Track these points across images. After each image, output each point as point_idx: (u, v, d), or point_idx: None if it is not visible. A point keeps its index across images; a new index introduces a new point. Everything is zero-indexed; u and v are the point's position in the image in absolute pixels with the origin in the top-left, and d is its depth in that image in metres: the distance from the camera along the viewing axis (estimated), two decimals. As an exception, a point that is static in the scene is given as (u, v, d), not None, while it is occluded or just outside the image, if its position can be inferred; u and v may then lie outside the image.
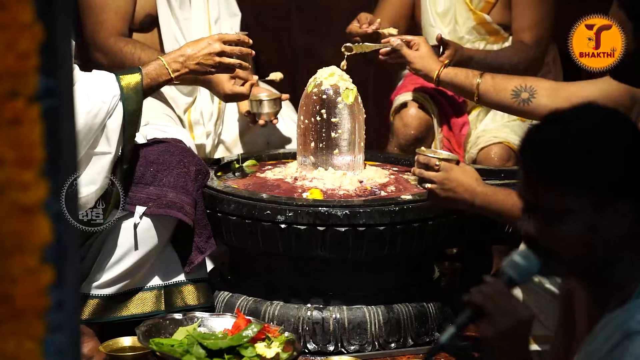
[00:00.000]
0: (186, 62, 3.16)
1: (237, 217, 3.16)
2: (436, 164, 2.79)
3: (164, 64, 3.14)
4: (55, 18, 1.14)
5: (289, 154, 3.64)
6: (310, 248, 3.11)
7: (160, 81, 3.15)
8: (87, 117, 2.99)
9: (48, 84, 1.14)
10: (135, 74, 3.11)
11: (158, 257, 3.21)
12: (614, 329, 1.80)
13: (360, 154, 3.40)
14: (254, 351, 2.92)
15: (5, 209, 1.13)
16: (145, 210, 3.11)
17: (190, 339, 2.94)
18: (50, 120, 1.14)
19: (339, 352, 3.15)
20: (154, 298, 3.20)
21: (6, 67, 1.12)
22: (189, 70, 3.17)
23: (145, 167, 3.18)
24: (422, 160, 2.82)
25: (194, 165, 3.23)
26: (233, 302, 3.25)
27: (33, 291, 1.15)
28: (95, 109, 3.01)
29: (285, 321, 3.16)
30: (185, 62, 3.16)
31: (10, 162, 1.13)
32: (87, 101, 3.01)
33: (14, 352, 1.15)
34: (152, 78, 3.12)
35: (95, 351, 3.08)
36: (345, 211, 3.08)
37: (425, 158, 2.82)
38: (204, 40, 3.21)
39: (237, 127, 3.88)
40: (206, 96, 3.78)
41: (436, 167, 2.80)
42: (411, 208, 3.13)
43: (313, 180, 3.31)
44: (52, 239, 1.15)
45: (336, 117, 3.35)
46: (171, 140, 3.30)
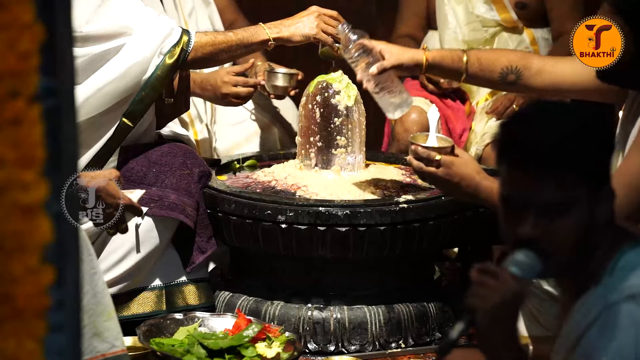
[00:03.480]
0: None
1: (237, 217, 3.16)
2: (436, 158, 2.75)
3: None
4: (56, 18, 1.14)
5: (289, 154, 3.64)
6: (311, 248, 3.11)
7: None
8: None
9: (48, 83, 1.14)
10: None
11: (159, 257, 3.21)
12: (590, 306, 1.81)
13: (360, 154, 3.40)
14: (255, 351, 2.92)
15: (5, 209, 1.14)
16: (147, 210, 3.11)
17: (191, 339, 2.94)
18: (51, 120, 1.14)
19: (339, 352, 3.15)
20: (155, 298, 3.20)
21: (7, 67, 1.12)
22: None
23: (147, 167, 3.18)
24: (422, 153, 2.78)
25: (197, 167, 3.23)
26: (234, 302, 3.25)
27: (33, 291, 1.15)
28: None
29: (286, 321, 3.16)
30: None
31: (10, 162, 1.13)
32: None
33: (15, 352, 1.15)
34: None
35: None
36: (345, 211, 3.08)
37: (424, 151, 2.77)
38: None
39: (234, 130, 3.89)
40: None
41: (436, 162, 2.75)
42: (411, 208, 3.13)
43: (304, 186, 3.29)
44: (52, 239, 1.15)
45: (337, 118, 3.34)
46: (175, 141, 3.31)
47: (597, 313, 1.79)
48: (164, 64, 3.13)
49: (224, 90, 3.55)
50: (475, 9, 3.96)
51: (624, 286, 1.78)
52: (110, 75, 3.08)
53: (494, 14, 3.96)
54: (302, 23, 3.28)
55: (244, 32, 3.25)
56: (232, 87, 3.54)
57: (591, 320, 1.79)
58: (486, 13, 3.96)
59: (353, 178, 3.33)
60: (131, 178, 3.16)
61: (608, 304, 1.78)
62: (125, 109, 3.13)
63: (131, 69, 3.10)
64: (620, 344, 1.75)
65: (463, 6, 3.97)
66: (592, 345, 1.78)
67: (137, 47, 3.11)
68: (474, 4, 3.97)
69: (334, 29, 3.28)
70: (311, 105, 3.36)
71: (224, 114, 3.83)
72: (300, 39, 3.27)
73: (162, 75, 3.14)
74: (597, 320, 1.78)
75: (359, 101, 3.40)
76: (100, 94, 3.08)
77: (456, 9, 3.96)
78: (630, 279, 1.79)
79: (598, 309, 1.79)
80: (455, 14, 3.97)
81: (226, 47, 3.21)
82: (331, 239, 3.09)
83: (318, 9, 3.31)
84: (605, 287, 1.80)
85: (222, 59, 3.29)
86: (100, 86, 3.08)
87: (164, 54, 3.13)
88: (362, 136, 3.40)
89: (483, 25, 3.96)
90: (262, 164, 3.60)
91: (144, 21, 3.13)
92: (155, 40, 3.12)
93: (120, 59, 3.10)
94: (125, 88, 3.11)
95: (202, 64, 3.32)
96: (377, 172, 3.43)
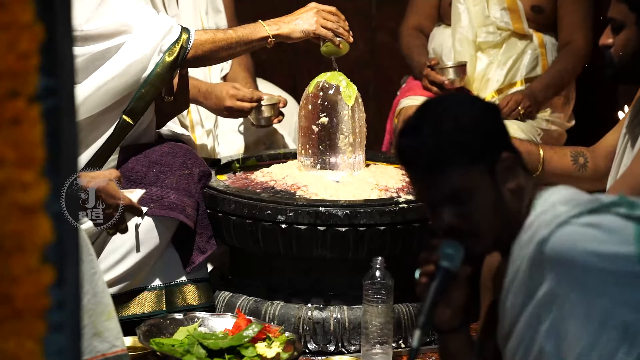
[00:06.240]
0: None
1: (237, 217, 3.16)
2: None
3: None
4: (56, 18, 1.14)
5: (290, 154, 3.64)
6: (310, 248, 3.11)
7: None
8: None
9: (48, 83, 1.14)
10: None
11: (159, 257, 3.21)
12: (524, 247, 1.93)
13: (360, 154, 3.40)
14: (255, 351, 2.92)
15: (5, 209, 1.13)
16: (147, 210, 3.11)
17: (191, 339, 2.94)
18: (51, 120, 1.14)
19: (339, 352, 3.15)
20: (155, 298, 3.20)
21: (7, 67, 1.12)
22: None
23: (147, 167, 3.18)
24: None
25: (197, 167, 3.23)
26: (234, 302, 3.25)
27: (33, 291, 1.15)
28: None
29: (286, 321, 3.16)
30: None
31: (10, 162, 1.13)
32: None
33: (15, 352, 1.15)
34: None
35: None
36: (345, 211, 3.08)
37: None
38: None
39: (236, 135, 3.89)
40: None
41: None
42: (411, 208, 3.13)
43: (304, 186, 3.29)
44: (52, 239, 1.15)
45: (337, 118, 3.34)
46: (175, 141, 3.31)
47: (533, 252, 1.90)
48: (164, 62, 3.13)
49: (228, 103, 3.57)
50: (491, 13, 3.97)
51: (552, 218, 1.89)
52: (110, 74, 3.09)
53: (508, 21, 3.97)
54: (301, 19, 3.28)
55: (243, 29, 3.26)
56: (237, 102, 3.57)
57: (530, 261, 1.91)
58: (500, 20, 3.96)
59: (353, 178, 3.33)
60: (131, 178, 3.16)
61: (540, 241, 1.89)
62: (125, 106, 3.14)
63: (131, 67, 3.10)
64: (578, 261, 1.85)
65: (480, 8, 3.97)
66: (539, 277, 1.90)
67: (137, 45, 3.11)
68: (491, 7, 3.97)
69: (333, 24, 3.28)
70: (311, 105, 3.36)
71: (228, 120, 3.85)
72: (300, 35, 3.28)
73: (162, 73, 3.14)
74: (535, 259, 1.89)
75: (359, 101, 3.40)
76: (101, 93, 3.08)
77: (472, 10, 3.96)
78: (554, 210, 1.91)
79: (532, 250, 1.90)
80: (470, 14, 3.97)
81: (226, 44, 3.21)
82: (331, 239, 3.09)
83: (317, 5, 3.31)
84: (532, 229, 1.92)
85: (222, 57, 3.29)
86: (101, 84, 3.08)
87: (163, 52, 3.13)
88: (362, 136, 3.40)
89: (497, 29, 3.98)
90: (262, 164, 3.60)
91: (144, 19, 3.13)
92: (154, 38, 3.13)
93: (120, 57, 3.10)
94: (125, 86, 3.11)
95: (203, 62, 3.32)
96: (377, 172, 3.43)
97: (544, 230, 1.89)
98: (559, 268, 1.86)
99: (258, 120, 3.66)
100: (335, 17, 3.30)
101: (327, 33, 3.28)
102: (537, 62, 4.00)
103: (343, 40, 3.31)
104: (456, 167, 1.95)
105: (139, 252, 3.15)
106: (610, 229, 1.85)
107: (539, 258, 1.89)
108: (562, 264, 1.86)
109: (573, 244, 1.86)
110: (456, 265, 2.00)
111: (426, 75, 3.92)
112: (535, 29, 4.01)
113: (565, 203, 1.91)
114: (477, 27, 3.97)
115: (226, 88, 3.60)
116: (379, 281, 2.99)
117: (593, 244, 1.84)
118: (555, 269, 1.87)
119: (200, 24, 3.73)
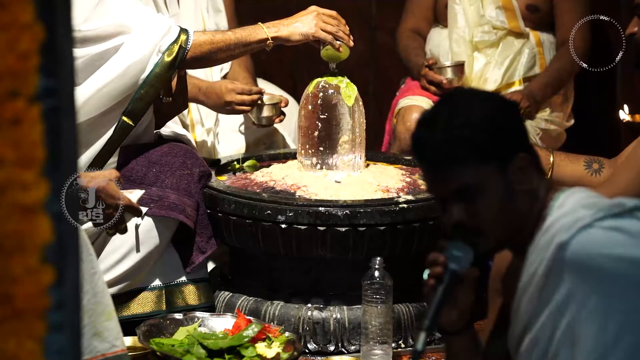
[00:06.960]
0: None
1: (237, 217, 3.16)
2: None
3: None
4: (56, 18, 1.14)
5: (290, 154, 3.64)
6: (310, 248, 3.11)
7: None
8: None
9: (48, 84, 1.14)
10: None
11: (159, 257, 3.21)
12: (542, 250, 1.90)
13: (360, 154, 3.40)
14: (255, 351, 2.92)
15: (5, 209, 1.13)
16: (147, 210, 3.11)
17: (191, 339, 2.94)
18: (51, 120, 1.14)
19: (339, 352, 3.15)
20: (155, 298, 3.20)
21: (6, 67, 1.12)
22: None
23: (147, 167, 3.18)
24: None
25: (197, 167, 3.23)
26: (233, 302, 3.25)
27: (33, 291, 1.15)
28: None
29: (286, 321, 3.16)
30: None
31: (10, 162, 1.13)
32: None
33: (15, 352, 1.15)
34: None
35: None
36: (345, 211, 3.08)
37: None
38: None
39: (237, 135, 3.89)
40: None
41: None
42: (411, 208, 3.13)
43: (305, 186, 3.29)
44: (52, 239, 1.15)
45: (337, 118, 3.34)
46: (175, 141, 3.31)
47: (551, 256, 1.87)
48: (163, 62, 3.13)
49: (227, 98, 3.55)
50: (486, 13, 3.97)
51: (573, 221, 1.86)
52: (109, 75, 3.09)
53: (504, 20, 3.97)
54: (300, 22, 3.28)
55: (242, 31, 3.26)
56: (237, 95, 3.55)
57: (547, 264, 1.87)
58: (496, 19, 3.96)
59: (353, 178, 3.33)
60: (131, 178, 3.16)
61: (561, 244, 1.86)
62: (125, 107, 3.14)
63: (130, 67, 3.10)
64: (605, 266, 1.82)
65: (475, 8, 3.97)
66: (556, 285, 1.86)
67: (136, 45, 3.11)
68: (486, 7, 3.97)
69: (332, 27, 3.28)
70: (311, 105, 3.36)
71: (228, 119, 3.84)
72: (299, 38, 3.28)
73: (161, 73, 3.14)
74: (553, 263, 1.86)
75: (359, 101, 3.40)
76: (100, 94, 3.08)
77: (467, 9, 3.97)
78: (576, 213, 1.88)
79: (551, 253, 1.87)
80: (466, 14, 3.97)
81: (224, 45, 3.21)
82: (331, 239, 3.09)
83: (317, 8, 3.31)
84: (551, 231, 1.89)
85: (220, 58, 3.29)
86: (100, 86, 3.08)
87: (162, 52, 3.13)
88: (362, 136, 3.40)
89: (493, 28, 3.97)
90: (262, 164, 3.60)
91: (142, 19, 3.13)
92: (153, 38, 3.13)
93: (119, 58, 3.10)
94: (125, 87, 3.11)
95: (201, 63, 3.32)
96: (377, 172, 3.42)
97: (564, 234, 1.85)
98: (579, 272, 1.82)
99: (259, 119, 3.65)
100: (335, 20, 3.30)
101: (326, 36, 3.28)
102: (534, 61, 4.00)
103: (343, 44, 3.31)
104: (470, 162, 1.92)
105: (139, 252, 3.15)
106: (634, 233, 1.81)
107: (558, 261, 1.85)
108: (583, 268, 1.82)
109: (597, 248, 1.82)
110: (464, 267, 1.98)
111: (424, 74, 3.92)
112: (532, 27, 4.01)
113: (586, 206, 1.87)
114: (473, 27, 3.97)
115: (225, 84, 3.59)
116: (378, 281, 2.99)
117: (618, 248, 1.81)
118: (575, 272, 1.83)
119: (201, 23, 3.72)
